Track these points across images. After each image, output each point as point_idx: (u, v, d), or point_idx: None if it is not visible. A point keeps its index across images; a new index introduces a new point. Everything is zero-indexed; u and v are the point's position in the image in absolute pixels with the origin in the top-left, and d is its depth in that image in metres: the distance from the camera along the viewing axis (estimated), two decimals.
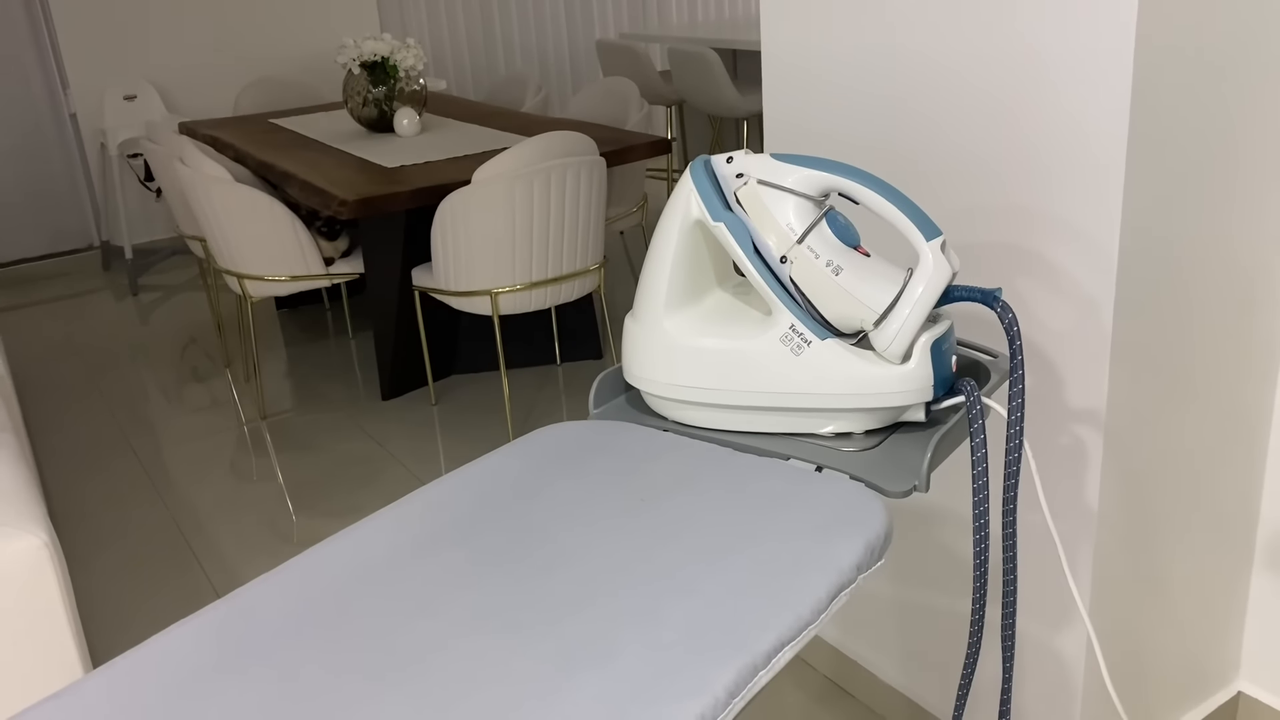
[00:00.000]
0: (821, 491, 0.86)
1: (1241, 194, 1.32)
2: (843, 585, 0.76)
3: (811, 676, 1.87)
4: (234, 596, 0.78)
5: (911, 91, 1.37)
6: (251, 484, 2.75)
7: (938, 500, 1.56)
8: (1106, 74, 1.15)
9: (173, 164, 3.18)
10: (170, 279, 4.60)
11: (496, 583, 0.77)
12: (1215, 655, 1.60)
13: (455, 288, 2.82)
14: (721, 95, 4.47)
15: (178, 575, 2.37)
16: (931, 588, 1.61)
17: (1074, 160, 1.22)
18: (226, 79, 5.01)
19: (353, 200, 2.67)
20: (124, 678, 0.70)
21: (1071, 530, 1.36)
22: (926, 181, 1.40)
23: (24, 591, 1.27)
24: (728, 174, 0.97)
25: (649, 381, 1.00)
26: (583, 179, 2.75)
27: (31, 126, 4.77)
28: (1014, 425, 0.97)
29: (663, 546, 0.80)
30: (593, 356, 3.40)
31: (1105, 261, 1.22)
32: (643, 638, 0.70)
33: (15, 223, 4.84)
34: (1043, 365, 1.33)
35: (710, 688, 0.66)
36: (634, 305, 1.01)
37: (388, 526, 0.85)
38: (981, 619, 1.01)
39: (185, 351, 3.72)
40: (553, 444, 0.96)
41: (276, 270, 3.00)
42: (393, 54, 3.45)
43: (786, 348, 0.93)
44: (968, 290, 0.96)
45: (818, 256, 0.92)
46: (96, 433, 3.11)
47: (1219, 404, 1.42)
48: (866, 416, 0.94)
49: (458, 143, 3.32)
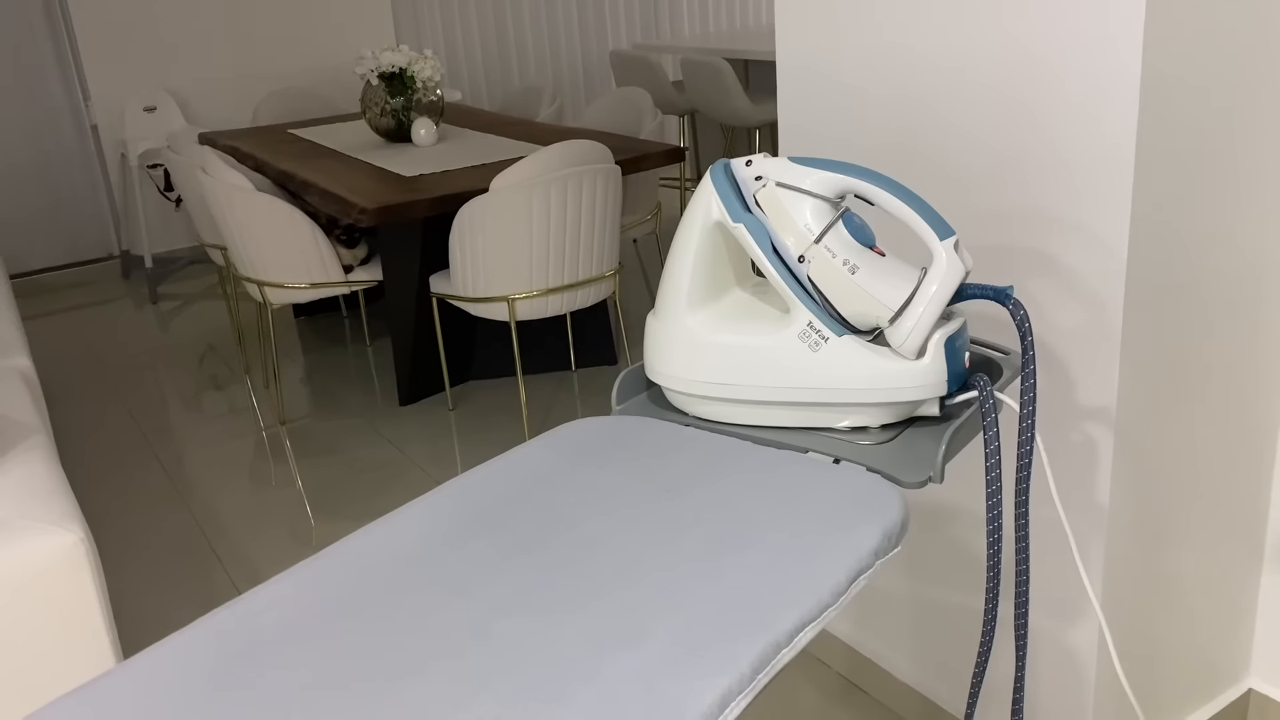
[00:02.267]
0: (839, 482, 0.89)
1: (1251, 193, 1.35)
2: (861, 570, 0.79)
3: (826, 674, 1.89)
4: (271, 584, 0.81)
5: (924, 95, 1.40)
6: (271, 489, 2.79)
7: (951, 497, 1.59)
8: (1115, 75, 1.18)
9: (195, 173, 3.23)
10: (189, 287, 4.66)
11: (527, 569, 0.80)
12: (1226, 652, 1.62)
13: (472, 294, 2.86)
14: (734, 104, 4.51)
15: (202, 578, 2.41)
16: (945, 584, 1.63)
17: (1084, 161, 1.25)
18: (245, 90, 5.07)
19: (372, 208, 2.71)
20: (159, 665, 0.73)
21: (1083, 526, 1.39)
22: (940, 183, 1.43)
23: (61, 585, 1.31)
24: (747, 177, 1.00)
25: (671, 378, 1.03)
26: (598, 187, 2.78)
27: (53, 138, 4.84)
28: (1026, 419, 1.00)
29: (687, 534, 0.83)
30: (608, 362, 3.43)
31: (1115, 261, 1.25)
32: (670, 619, 0.73)
33: (37, 232, 4.91)
34: (1054, 363, 1.36)
35: (736, 665, 0.68)
36: (656, 304, 1.04)
37: (419, 517, 0.88)
38: (995, 615, 1.04)
39: (204, 358, 3.77)
40: (578, 438, 0.99)
41: (296, 277, 3.04)
42: (410, 65, 3.50)
43: (804, 344, 0.96)
44: (980, 288, 0.99)
45: (834, 256, 0.96)
46: (118, 438, 3.16)
47: (1229, 402, 1.45)
48: (882, 411, 0.97)
49: (474, 152, 3.36)
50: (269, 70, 5.10)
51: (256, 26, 5.03)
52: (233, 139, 3.89)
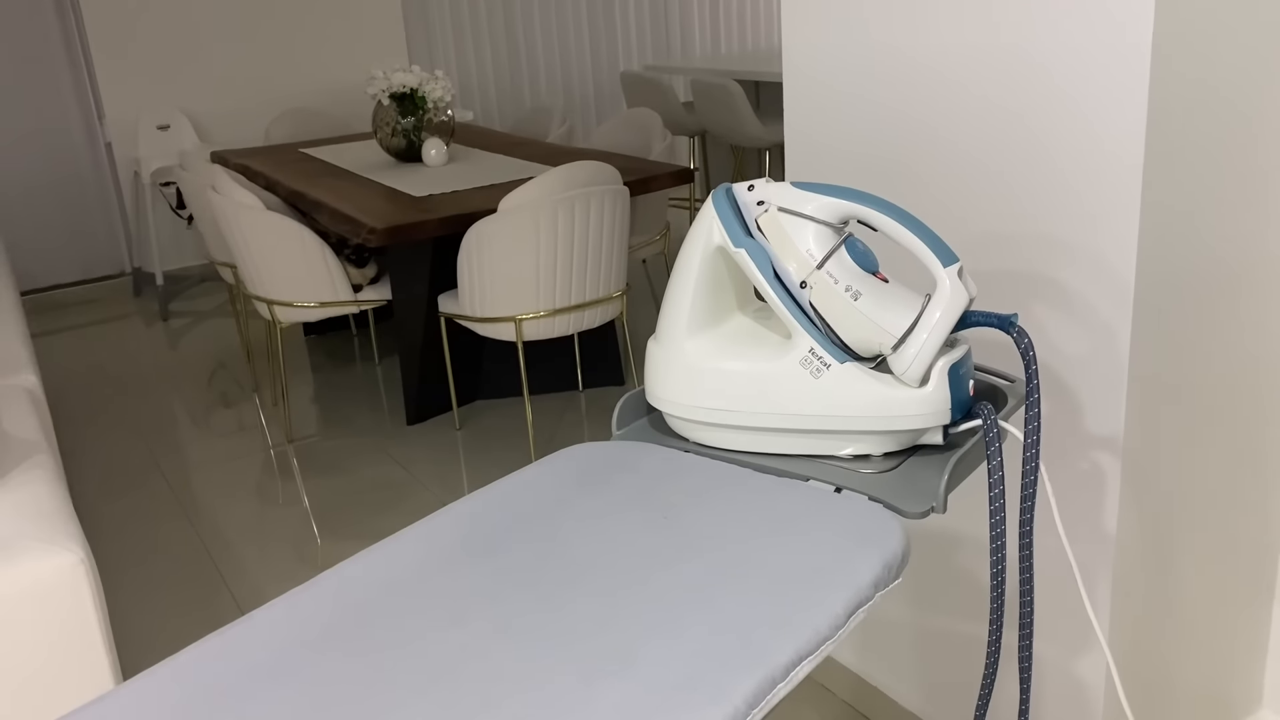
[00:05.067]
0: (840, 511, 0.88)
1: (1258, 219, 1.34)
2: (860, 602, 0.78)
3: (831, 701, 1.87)
4: (266, 609, 0.80)
5: (931, 112, 1.40)
6: (278, 507, 2.79)
7: (957, 525, 1.57)
8: (1122, 100, 1.18)
9: (206, 192, 3.24)
10: (199, 305, 4.67)
11: (521, 595, 0.79)
12: (1237, 684, 1.60)
13: (480, 314, 2.86)
14: (744, 126, 4.52)
15: (205, 597, 2.40)
16: (950, 613, 1.62)
17: (1090, 187, 1.24)
18: (257, 110, 5.10)
19: (382, 228, 2.72)
20: (155, 689, 0.73)
21: (1090, 556, 1.37)
22: (945, 207, 1.42)
23: (61, 606, 1.31)
24: (749, 201, 0.99)
25: (671, 403, 1.02)
26: (606, 208, 2.78)
27: (67, 156, 4.87)
28: (1030, 449, 0.99)
29: (684, 562, 0.82)
30: (615, 383, 3.42)
31: (1122, 289, 1.24)
32: (664, 649, 0.72)
33: (50, 249, 4.94)
34: (1061, 391, 1.35)
35: (729, 698, 0.67)
36: (657, 329, 1.04)
37: (416, 541, 0.88)
38: (999, 644, 1.03)
39: (214, 376, 3.77)
40: (576, 463, 0.99)
41: (306, 296, 3.05)
42: (421, 85, 3.51)
43: (806, 370, 0.95)
44: (984, 316, 0.98)
45: (837, 282, 0.95)
46: (126, 455, 3.16)
47: (1237, 431, 1.43)
48: (885, 439, 0.96)
49: (484, 172, 3.37)
50: (281, 90, 5.14)
51: (269, 46, 5.07)
52: (244, 158, 3.91)
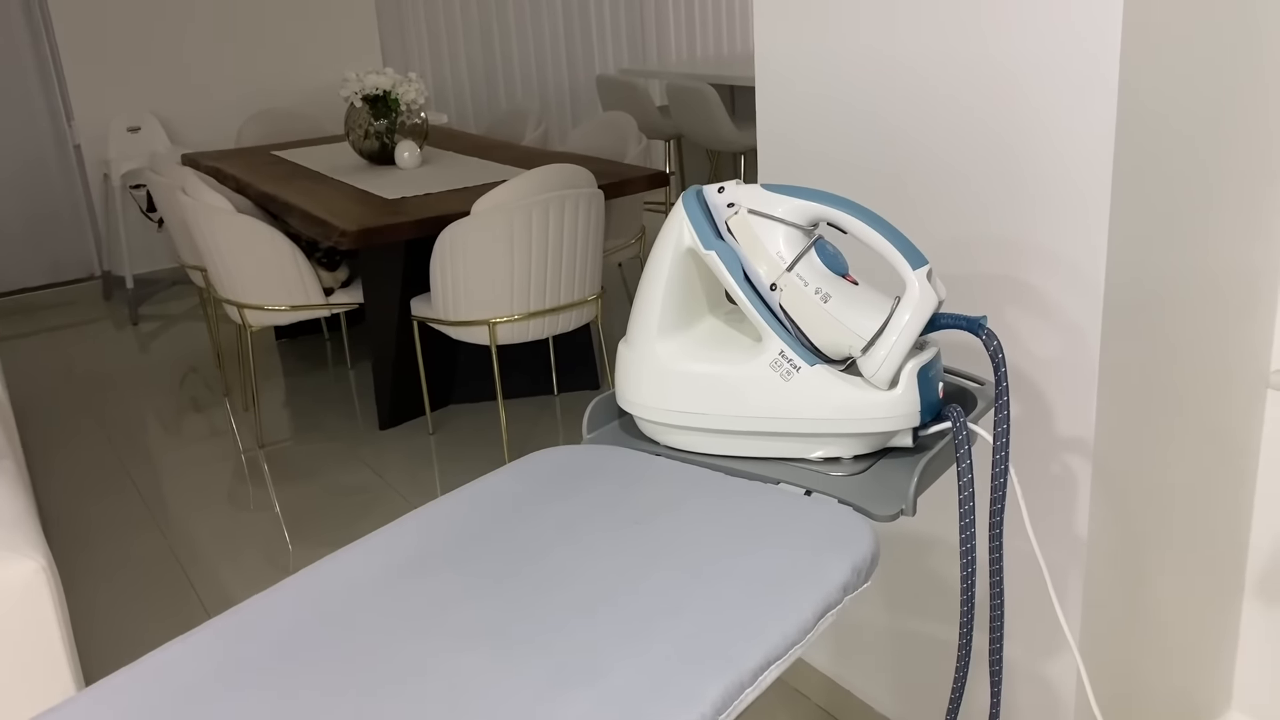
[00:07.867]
0: (810, 514, 0.87)
1: (1225, 221, 1.34)
2: (829, 605, 0.78)
3: (805, 705, 1.87)
4: (230, 614, 0.79)
5: (904, 117, 1.40)
6: (249, 513, 2.76)
7: (930, 527, 1.57)
8: (1092, 104, 1.18)
9: (175, 194, 3.21)
10: (170, 309, 4.63)
11: (488, 602, 0.78)
12: (1207, 685, 1.61)
13: (454, 318, 2.84)
14: (719, 130, 4.52)
15: (173, 603, 2.37)
16: (922, 616, 1.62)
17: (1060, 190, 1.24)
18: (229, 111, 5.06)
19: (353, 231, 2.70)
20: (119, 694, 0.71)
21: (1061, 558, 1.38)
22: (915, 209, 1.42)
23: (21, 614, 1.28)
24: (719, 203, 0.99)
25: (641, 406, 1.01)
26: (581, 211, 2.78)
27: (36, 157, 4.81)
28: (999, 451, 0.98)
29: (653, 567, 0.81)
30: (590, 387, 3.41)
31: (1091, 290, 1.24)
32: (632, 655, 0.71)
33: (18, 252, 4.88)
34: (1031, 393, 1.35)
35: (698, 704, 0.67)
36: (627, 331, 1.03)
37: (381, 547, 0.86)
38: (969, 647, 1.02)
39: (184, 381, 3.74)
40: (546, 467, 0.98)
41: (276, 300, 3.02)
42: (395, 88, 3.49)
43: (776, 373, 0.94)
44: (953, 318, 0.98)
45: (806, 284, 0.94)
46: (95, 461, 3.12)
47: (1207, 431, 1.44)
48: (854, 441, 0.96)
49: (458, 175, 3.35)
50: (254, 91, 5.10)
51: (242, 48, 5.03)
52: (215, 160, 3.88)
